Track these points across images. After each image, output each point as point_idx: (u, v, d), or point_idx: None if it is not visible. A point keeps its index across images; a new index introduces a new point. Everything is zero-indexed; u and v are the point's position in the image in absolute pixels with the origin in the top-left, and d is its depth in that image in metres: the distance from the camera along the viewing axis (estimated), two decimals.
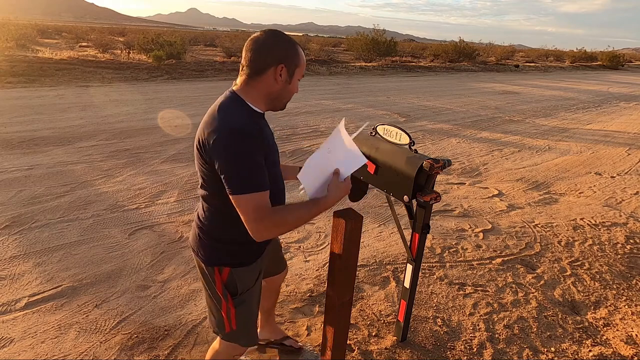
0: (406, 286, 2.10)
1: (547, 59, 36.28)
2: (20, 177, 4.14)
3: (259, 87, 1.30)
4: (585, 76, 23.81)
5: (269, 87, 1.30)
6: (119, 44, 20.06)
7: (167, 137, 5.87)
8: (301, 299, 2.55)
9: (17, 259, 2.79)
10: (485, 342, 2.28)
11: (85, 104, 7.73)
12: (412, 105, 9.82)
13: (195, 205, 3.78)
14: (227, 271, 1.41)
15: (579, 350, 2.28)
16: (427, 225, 1.91)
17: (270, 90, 1.31)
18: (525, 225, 3.78)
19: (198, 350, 2.10)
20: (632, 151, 6.80)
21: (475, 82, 16.60)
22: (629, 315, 2.60)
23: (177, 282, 2.64)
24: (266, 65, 1.27)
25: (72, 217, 3.41)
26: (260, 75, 1.29)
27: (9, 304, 2.36)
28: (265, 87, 1.30)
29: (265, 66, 1.27)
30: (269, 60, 1.27)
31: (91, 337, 2.15)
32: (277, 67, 1.27)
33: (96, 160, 4.75)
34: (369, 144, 1.99)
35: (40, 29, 27.15)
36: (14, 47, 15.26)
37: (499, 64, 25.32)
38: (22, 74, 10.15)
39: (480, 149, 6.41)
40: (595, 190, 4.86)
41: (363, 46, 21.67)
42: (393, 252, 3.15)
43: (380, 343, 2.21)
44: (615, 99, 13.71)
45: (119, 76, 11.49)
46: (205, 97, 9.23)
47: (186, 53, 16.43)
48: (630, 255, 3.36)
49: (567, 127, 8.59)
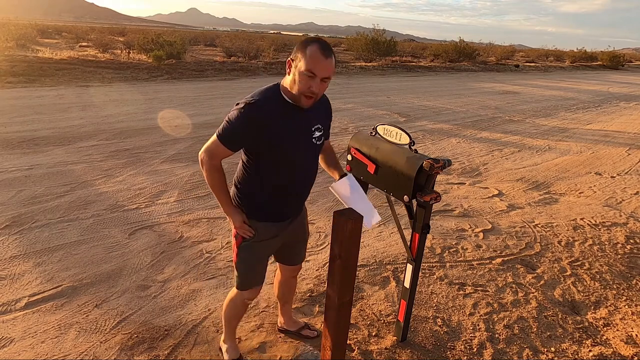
0: (406, 286, 2.10)
1: (547, 59, 36.27)
2: (20, 177, 4.14)
3: (287, 79, 1.54)
4: (585, 76, 23.81)
5: (287, 79, 1.54)
6: (119, 44, 20.07)
7: (167, 137, 5.87)
8: (301, 299, 2.55)
9: (17, 259, 2.79)
10: (485, 342, 2.28)
11: (85, 104, 7.73)
12: (412, 105, 9.82)
13: (195, 205, 3.78)
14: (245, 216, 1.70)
15: (579, 350, 2.28)
16: (427, 225, 1.91)
17: (288, 81, 1.53)
18: (525, 225, 3.78)
19: (198, 350, 2.10)
20: (632, 151, 6.80)
21: (475, 82, 16.60)
22: (629, 315, 2.60)
23: (177, 282, 2.64)
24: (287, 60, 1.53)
25: (72, 217, 3.41)
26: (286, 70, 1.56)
27: (9, 304, 2.36)
28: (287, 79, 1.54)
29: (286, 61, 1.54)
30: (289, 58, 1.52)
31: (91, 337, 2.15)
32: (288, 61, 1.52)
33: (96, 160, 4.75)
34: (369, 143, 1.99)
35: (40, 29, 27.15)
36: (14, 47, 15.27)
37: (499, 64, 25.32)
38: (22, 74, 10.15)
39: (480, 149, 6.41)
40: (595, 190, 4.86)
41: (363, 46, 21.67)
42: (393, 252, 3.15)
43: (380, 343, 2.21)
44: (616, 99, 13.71)
45: (119, 76, 11.49)
46: (205, 97, 9.23)
47: (186, 53, 16.43)
48: (630, 255, 3.36)
49: (567, 127, 8.59)
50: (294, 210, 1.78)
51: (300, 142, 1.61)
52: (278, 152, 1.56)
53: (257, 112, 1.48)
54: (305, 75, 1.45)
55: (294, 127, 1.57)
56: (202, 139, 5.68)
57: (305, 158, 1.67)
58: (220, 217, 3.55)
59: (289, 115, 1.54)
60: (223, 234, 3.28)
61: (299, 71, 1.46)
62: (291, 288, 2.17)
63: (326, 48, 1.46)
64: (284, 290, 2.15)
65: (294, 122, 1.56)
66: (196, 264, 2.86)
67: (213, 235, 3.25)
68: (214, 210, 3.69)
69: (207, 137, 1.62)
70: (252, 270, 1.79)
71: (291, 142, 1.57)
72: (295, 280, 2.17)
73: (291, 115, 1.55)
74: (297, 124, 1.58)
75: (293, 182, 1.67)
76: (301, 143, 1.61)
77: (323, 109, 1.73)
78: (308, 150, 1.65)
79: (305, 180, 1.73)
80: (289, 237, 1.84)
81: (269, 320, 2.34)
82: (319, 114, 1.67)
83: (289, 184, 1.66)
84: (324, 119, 1.73)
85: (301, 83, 1.47)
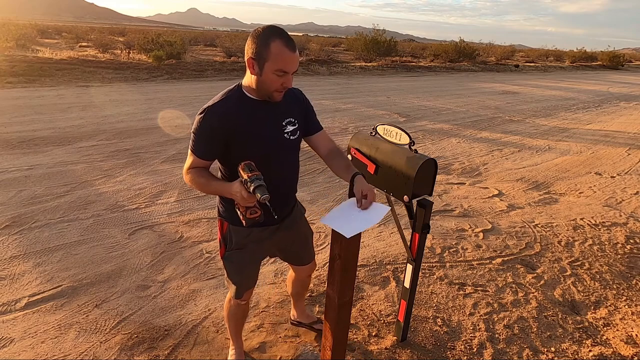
0: (406, 286, 2.10)
1: (547, 59, 36.26)
2: (20, 177, 4.14)
3: (248, 77, 1.49)
4: (585, 76, 23.81)
5: (250, 78, 1.47)
6: (119, 44, 20.04)
7: (167, 137, 5.87)
8: None
9: (17, 259, 2.79)
10: (485, 342, 2.28)
11: (85, 104, 7.73)
12: (412, 105, 9.82)
13: (195, 205, 3.78)
14: (226, 225, 1.68)
15: (579, 350, 2.27)
16: (427, 225, 1.91)
17: (251, 80, 1.47)
18: (525, 225, 3.78)
19: (198, 350, 2.10)
20: (632, 151, 6.80)
21: (475, 82, 16.60)
22: (629, 315, 2.60)
23: (177, 282, 2.64)
24: (246, 58, 1.43)
25: (72, 217, 3.41)
26: (246, 67, 1.47)
27: (9, 304, 2.36)
28: (249, 78, 1.48)
29: (246, 59, 1.43)
30: (247, 54, 1.43)
31: (91, 337, 2.15)
32: (248, 60, 1.42)
33: (96, 160, 4.75)
34: (369, 143, 1.99)
35: (40, 29, 27.15)
36: (14, 47, 15.26)
37: (499, 64, 25.31)
38: (22, 74, 10.15)
39: (480, 149, 6.41)
40: (595, 190, 4.86)
41: (363, 46, 21.66)
42: (393, 252, 3.15)
43: (380, 343, 2.21)
44: (615, 99, 13.71)
45: (119, 76, 11.49)
46: (206, 97, 9.19)
47: (186, 53, 16.42)
48: (630, 255, 3.36)
49: (567, 127, 8.59)
50: (280, 212, 1.66)
51: (271, 139, 1.54)
52: (248, 152, 1.47)
53: (218, 117, 1.44)
54: (275, 75, 1.39)
55: (261, 124, 1.51)
56: None
57: (280, 155, 1.59)
58: None
59: (253, 113, 1.49)
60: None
61: (267, 71, 1.39)
62: (305, 286, 2.15)
63: (290, 41, 1.38)
64: (297, 289, 2.14)
65: (259, 119, 1.50)
66: (196, 264, 2.86)
67: (213, 235, 3.25)
68: (214, 210, 3.69)
69: None
70: (238, 275, 1.75)
71: (260, 140, 1.51)
72: (310, 278, 2.13)
73: (256, 113, 1.49)
74: (263, 121, 1.51)
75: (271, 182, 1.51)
76: (272, 139, 1.54)
77: (294, 100, 1.64)
78: (282, 146, 1.58)
79: (285, 179, 1.66)
80: (284, 241, 1.80)
81: (269, 320, 2.35)
82: (289, 108, 1.60)
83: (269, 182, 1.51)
84: (297, 111, 1.64)
85: (273, 83, 1.41)
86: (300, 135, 1.66)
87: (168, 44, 15.07)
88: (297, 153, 1.68)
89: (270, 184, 1.42)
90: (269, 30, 1.39)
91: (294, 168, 1.69)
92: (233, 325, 1.96)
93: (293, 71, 1.42)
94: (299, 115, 1.64)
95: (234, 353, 2.03)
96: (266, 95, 1.47)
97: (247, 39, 1.41)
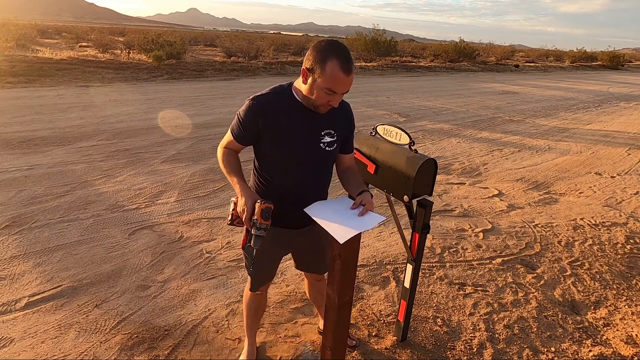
0: (406, 286, 2.10)
1: (547, 59, 36.27)
2: (20, 177, 4.14)
3: (300, 82, 1.50)
4: (585, 76, 23.81)
5: (301, 85, 1.48)
6: (119, 44, 20.06)
7: (167, 137, 5.87)
8: (301, 299, 2.55)
9: (17, 259, 2.79)
10: (485, 342, 2.28)
11: (85, 104, 7.73)
12: (412, 105, 9.82)
13: (195, 205, 3.78)
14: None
15: (579, 350, 2.28)
16: (427, 225, 1.91)
17: (302, 87, 1.48)
18: (525, 225, 3.78)
19: (198, 350, 2.10)
20: (632, 151, 6.80)
21: (475, 82, 16.60)
22: (629, 315, 2.60)
23: (177, 282, 2.64)
24: (302, 66, 1.44)
25: (72, 217, 3.41)
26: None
27: (9, 304, 2.36)
28: (300, 83, 1.49)
29: (302, 67, 1.44)
30: (304, 63, 1.43)
31: (91, 337, 2.15)
32: (303, 69, 1.43)
33: (96, 160, 4.75)
34: (368, 143, 1.99)
35: (40, 29, 27.16)
36: (14, 47, 15.27)
37: (499, 64, 25.31)
38: (22, 74, 10.15)
39: (480, 149, 6.41)
40: (595, 190, 4.86)
41: (363, 46, 21.68)
42: (393, 252, 3.15)
43: (380, 343, 2.21)
44: (615, 99, 13.71)
45: (119, 76, 11.49)
46: (205, 97, 9.23)
47: (186, 53, 16.42)
48: (630, 255, 3.36)
49: (567, 127, 8.59)
50: (297, 218, 1.60)
51: (303, 142, 1.53)
52: (277, 146, 1.52)
53: (260, 104, 1.49)
54: (324, 91, 1.40)
55: (298, 127, 1.51)
56: (202, 139, 5.68)
57: (308, 161, 1.57)
58: (220, 217, 3.54)
59: (294, 114, 1.50)
60: (223, 234, 3.28)
61: (317, 86, 1.40)
62: (320, 291, 2.04)
63: (347, 63, 1.36)
64: (314, 295, 2.09)
65: (298, 120, 1.51)
66: (196, 264, 2.86)
67: (213, 235, 3.25)
68: (213, 210, 3.69)
69: (207, 137, 1.63)
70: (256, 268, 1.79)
71: (292, 138, 1.52)
72: (323, 283, 2.00)
73: (297, 113, 1.51)
74: (301, 123, 1.52)
75: (293, 184, 1.57)
76: (304, 142, 1.54)
77: (342, 115, 1.63)
78: (313, 152, 1.56)
79: (310, 187, 1.61)
80: (303, 246, 1.80)
81: (269, 321, 2.35)
82: (334, 120, 1.59)
83: (294, 185, 1.57)
84: (341, 126, 1.63)
85: (320, 98, 1.43)
86: (336, 149, 1.64)
87: (168, 44, 15.07)
88: (330, 165, 1.67)
89: (292, 188, 1.57)
90: (329, 46, 1.38)
91: (323, 178, 1.66)
92: (248, 316, 1.98)
93: (343, 92, 1.43)
94: (341, 130, 1.63)
95: (246, 352, 2.02)
96: (312, 106, 1.50)
97: (309, 48, 1.43)
